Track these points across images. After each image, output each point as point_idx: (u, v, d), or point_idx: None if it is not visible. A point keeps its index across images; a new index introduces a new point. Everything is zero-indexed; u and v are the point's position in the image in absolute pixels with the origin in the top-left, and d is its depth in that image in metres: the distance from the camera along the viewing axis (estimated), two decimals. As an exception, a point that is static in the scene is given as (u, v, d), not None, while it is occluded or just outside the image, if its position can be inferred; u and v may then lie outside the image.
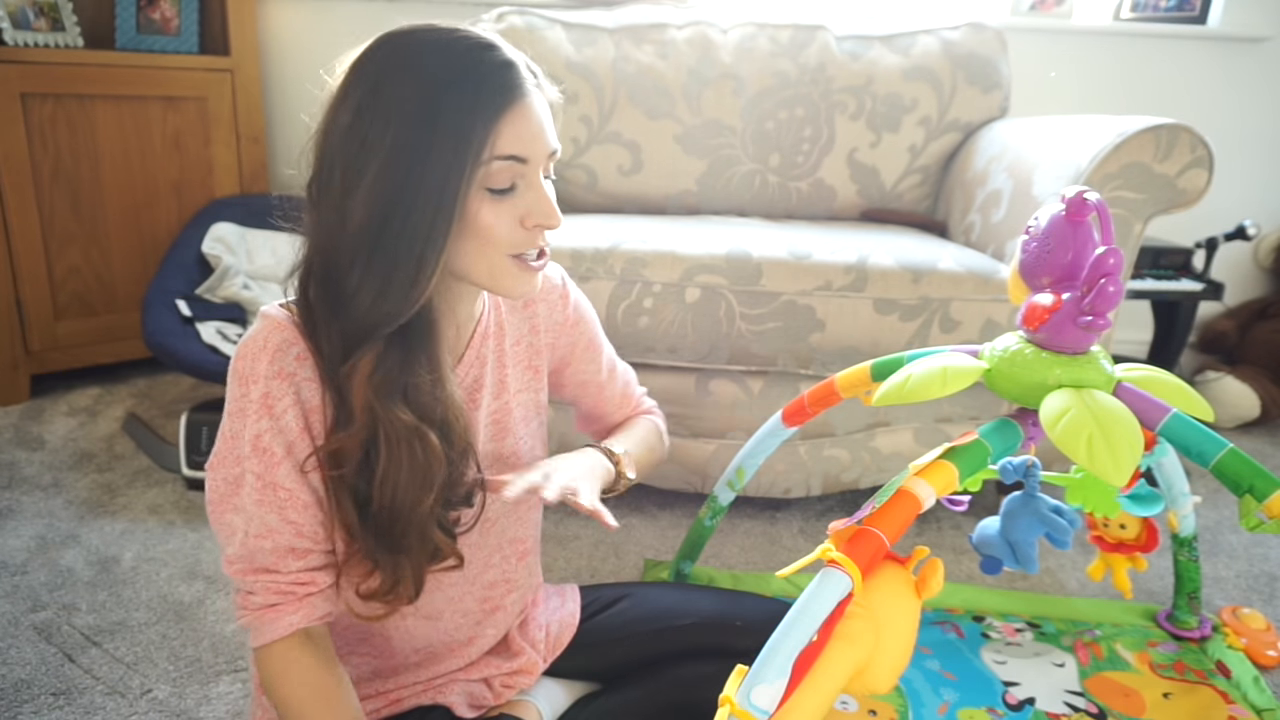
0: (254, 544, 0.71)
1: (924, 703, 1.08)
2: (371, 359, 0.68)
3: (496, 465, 0.85)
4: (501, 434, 0.85)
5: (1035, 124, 1.63)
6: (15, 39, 1.75)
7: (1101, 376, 0.71)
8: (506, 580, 0.89)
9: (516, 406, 0.86)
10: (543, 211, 0.70)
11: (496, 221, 0.68)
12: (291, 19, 2.21)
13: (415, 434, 0.69)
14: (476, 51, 0.67)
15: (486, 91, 0.66)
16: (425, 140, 0.64)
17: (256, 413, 0.69)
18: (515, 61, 0.69)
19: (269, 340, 0.69)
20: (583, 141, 1.83)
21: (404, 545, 0.72)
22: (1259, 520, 0.65)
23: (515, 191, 0.69)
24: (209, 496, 0.73)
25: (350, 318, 0.68)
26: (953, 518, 1.55)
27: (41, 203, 1.80)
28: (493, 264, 0.70)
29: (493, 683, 0.89)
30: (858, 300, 1.35)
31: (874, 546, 0.59)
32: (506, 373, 0.85)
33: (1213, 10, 2.22)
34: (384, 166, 0.64)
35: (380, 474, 0.69)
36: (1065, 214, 0.71)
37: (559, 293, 0.90)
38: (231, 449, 0.71)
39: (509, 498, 0.72)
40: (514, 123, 0.67)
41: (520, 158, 0.68)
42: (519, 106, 0.67)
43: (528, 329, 0.88)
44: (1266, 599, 1.36)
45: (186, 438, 1.53)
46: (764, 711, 0.54)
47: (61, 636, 1.14)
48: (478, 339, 0.81)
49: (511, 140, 0.67)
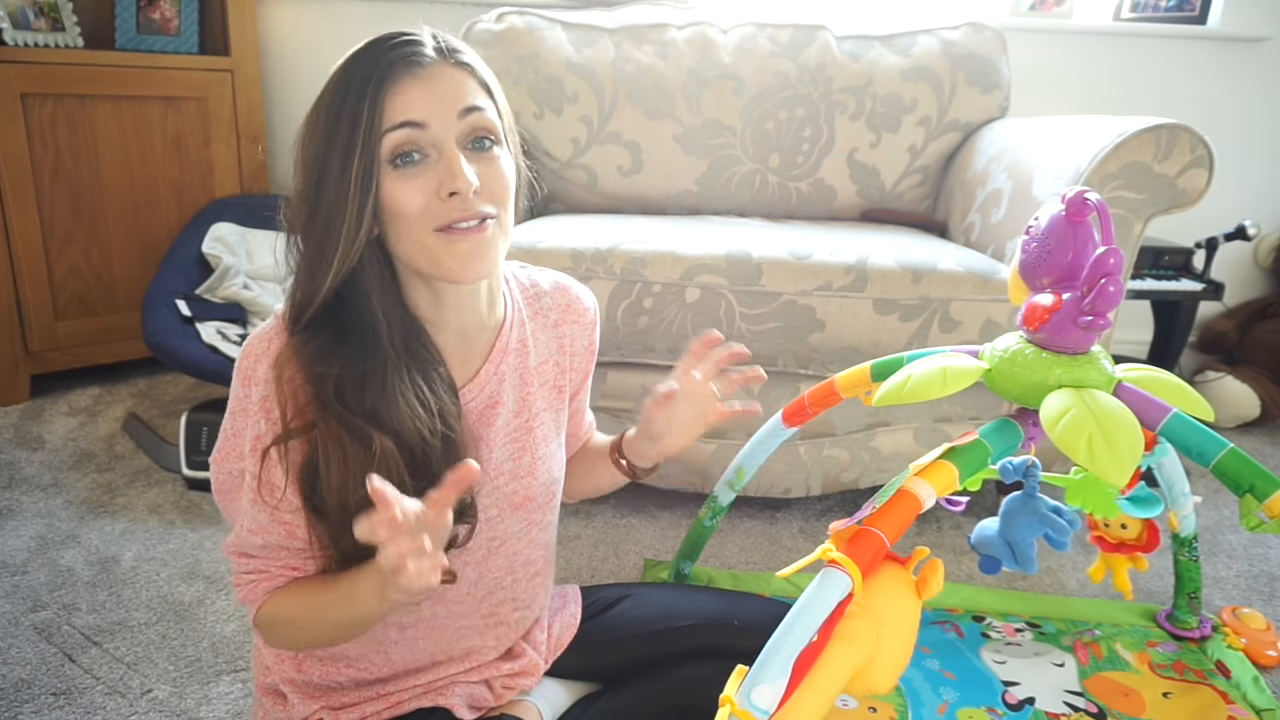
0: (247, 537, 0.74)
1: (924, 702, 1.08)
2: (302, 338, 0.70)
3: (515, 485, 0.83)
4: (520, 451, 0.83)
5: (1035, 124, 1.63)
6: (15, 39, 1.75)
7: (1102, 376, 0.71)
8: (514, 599, 0.88)
9: (539, 426, 0.85)
10: (450, 175, 0.67)
11: (407, 197, 0.67)
12: (291, 19, 2.21)
13: (350, 430, 0.68)
14: (381, 41, 0.69)
15: (378, 69, 0.67)
16: (333, 127, 0.67)
17: (255, 414, 0.70)
18: (416, 38, 0.69)
19: (274, 342, 0.71)
20: (583, 141, 1.83)
21: (362, 551, 0.68)
22: (1259, 520, 0.65)
23: (426, 162, 0.68)
24: (214, 487, 0.77)
25: (296, 287, 0.71)
26: (953, 518, 1.55)
27: (42, 203, 1.81)
28: (419, 242, 0.69)
29: (493, 684, 0.89)
30: (858, 300, 1.35)
31: (874, 546, 0.59)
32: (530, 391, 0.84)
33: (1212, 10, 2.22)
34: (311, 157, 0.69)
35: (322, 467, 0.69)
36: (1065, 214, 0.71)
37: (589, 318, 0.90)
38: (233, 446, 0.73)
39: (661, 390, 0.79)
40: (403, 90, 0.67)
41: (414, 122, 0.67)
42: (409, 74, 0.67)
43: (555, 348, 0.87)
44: (1266, 599, 1.36)
45: (186, 438, 1.53)
46: (764, 711, 0.54)
47: (62, 636, 1.14)
48: (496, 354, 0.80)
49: (400, 107, 0.66)
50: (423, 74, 0.68)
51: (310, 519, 0.71)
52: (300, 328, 0.71)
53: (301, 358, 0.69)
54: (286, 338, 0.71)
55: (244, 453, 0.72)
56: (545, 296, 0.87)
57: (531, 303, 0.86)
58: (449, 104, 0.68)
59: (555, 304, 0.88)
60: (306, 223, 0.69)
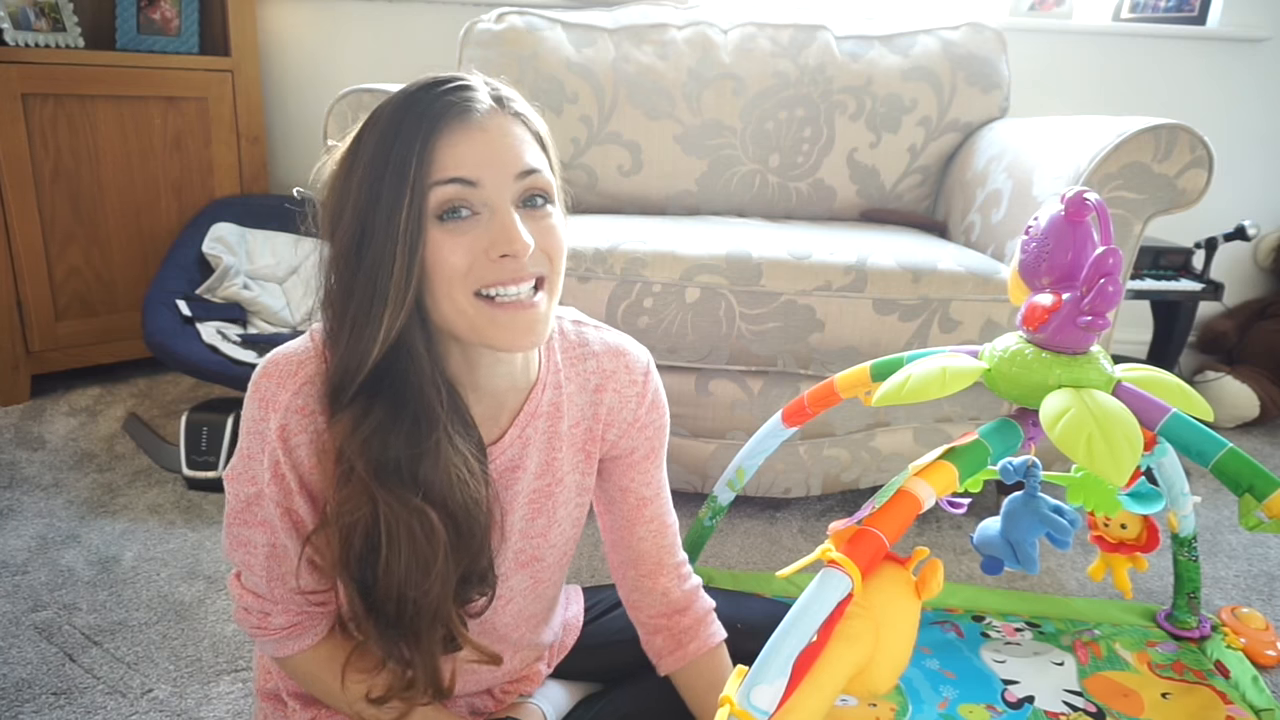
0: (273, 568, 0.72)
1: (924, 700, 1.08)
2: (353, 415, 0.65)
3: (524, 544, 0.81)
4: (536, 513, 0.80)
5: (1035, 124, 1.63)
6: (16, 39, 1.75)
7: (1101, 376, 0.71)
8: (514, 644, 0.87)
9: (561, 490, 0.81)
10: (505, 238, 0.62)
11: (453, 254, 0.62)
12: (291, 19, 2.21)
13: (417, 516, 0.65)
14: (426, 87, 0.64)
15: (428, 117, 0.63)
16: (379, 177, 0.62)
17: (274, 442, 0.68)
18: (468, 84, 0.65)
19: (301, 370, 0.68)
20: (583, 142, 1.83)
21: (416, 634, 0.68)
22: (1258, 520, 0.65)
23: (476, 219, 0.63)
24: (229, 506, 0.73)
25: (337, 354, 0.66)
26: (953, 518, 1.55)
27: (42, 203, 1.81)
28: (459, 307, 0.64)
29: (495, 691, 0.89)
30: (857, 300, 1.35)
31: (874, 547, 0.59)
32: (558, 455, 0.79)
33: (1212, 11, 2.22)
34: (352, 208, 0.64)
35: (383, 557, 0.65)
36: (1065, 214, 0.71)
37: (637, 387, 0.82)
38: (248, 467, 0.70)
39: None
40: (453, 142, 0.62)
41: (466, 180, 0.62)
42: (460, 126, 0.63)
43: (590, 414, 0.81)
44: (1266, 599, 1.36)
45: (187, 438, 1.53)
46: (764, 712, 0.54)
47: (62, 636, 1.14)
48: (523, 418, 0.76)
49: (451, 160, 0.62)
50: (476, 125, 0.63)
51: (352, 596, 0.68)
52: (347, 401, 0.66)
53: (359, 439, 0.64)
54: (337, 418, 0.65)
55: (263, 478, 0.69)
56: (592, 359, 0.80)
57: (575, 363, 0.80)
58: (505, 164, 0.64)
59: (601, 368, 0.80)
60: (349, 277, 0.64)
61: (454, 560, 0.67)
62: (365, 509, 0.65)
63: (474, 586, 0.72)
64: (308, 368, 0.68)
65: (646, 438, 0.84)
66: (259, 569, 0.73)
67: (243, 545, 0.73)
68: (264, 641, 0.76)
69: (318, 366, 0.68)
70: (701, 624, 0.87)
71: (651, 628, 0.88)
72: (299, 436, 0.68)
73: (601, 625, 0.97)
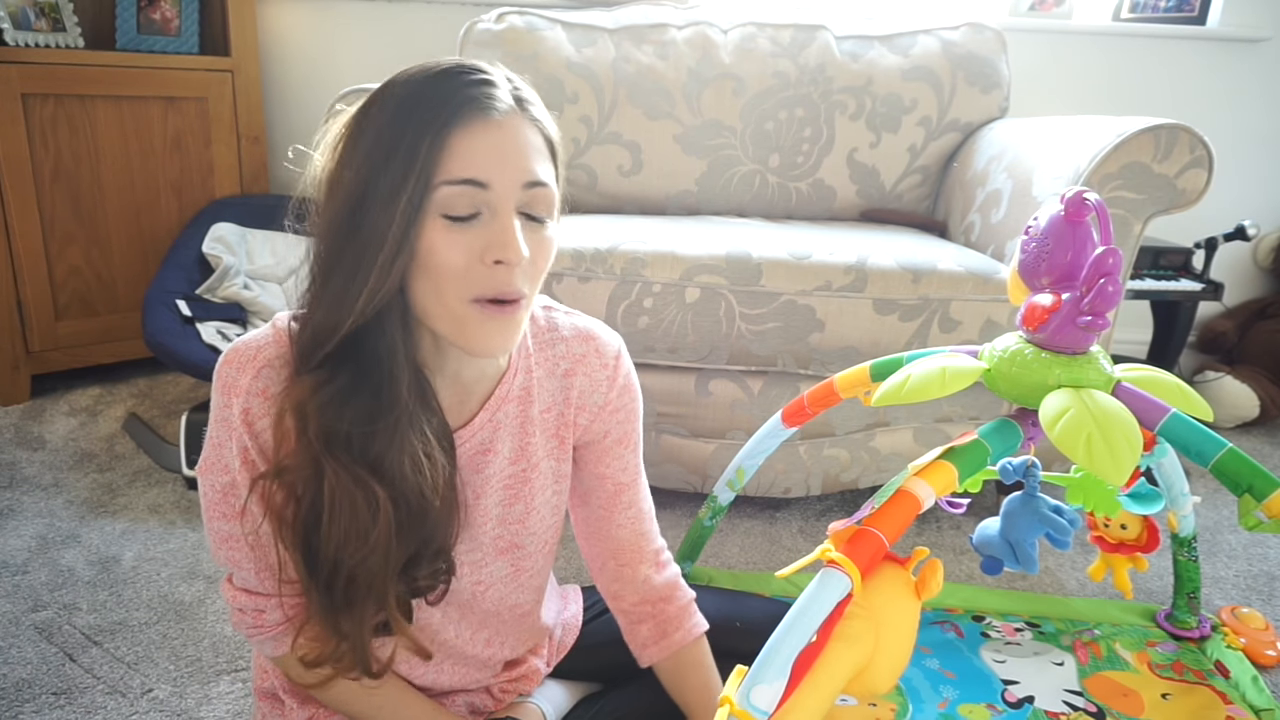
0: (260, 558, 0.72)
1: (924, 699, 1.08)
2: (316, 379, 0.65)
3: (501, 529, 0.80)
4: (513, 499, 0.80)
5: (1035, 124, 1.63)
6: (16, 39, 1.75)
7: (1101, 376, 0.71)
8: (500, 637, 0.87)
9: (537, 476, 0.80)
10: (501, 243, 0.61)
11: (451, 252, 0.62)
12: (291, 19, 2.21)
13: (360, 485, 0.65)
14: (450, 73, 0.63)
15: (447, 108, 0.61)
16: (387, 156, 0.61)
17: (239, 427, 0.68)
18: (490, 78, 0.64)
19: (260, 354, 0.68)
20: (583, 141, 1.83)
21: (350, 605, 0.68)
22: (1258, 520, 0.65)
23: (479, 222, 0.62)
24: (204, 501, 0.73)
25: (313, 318, 0.66)
26: (952, 518, 1.55)
27: (42, 203, 1.81)
28: (450, 308, 0.64)
29: (493, 690, 0.89)
30: (857, 300, 1.35)
31: (873, 547, 0.59)
32: (531, 440, 0.79)
33: (1211, 11, 2.22)
34: (354, 176, 0.63)
35: (324, 522, 0.65)
36: (1064, 214, 0.71)
37: (606, 371, 0.81)
38: (219, 456, 0.70)
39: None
40: (469, 140, 0.61)
41: (477, 182, 0.61)
42: (479, 122, 0.61)
43: (561, 398, 0.80)
44: (1266, 599, 1.36)
45: (187, 438, 1.53)
46: (763, 712, 0.54)
47: (62, 636, 1.14)
48: (494, 402, 0.75)
49: (465, 158, 0.61)
50: (494, 124, 0.62)
51: (295, 560, 0.68)
52: (314, 365, 0.66)
53: (317, 402, 0.65)
54: (300, 378, 0.66)
55: (233, 466, 0.69)
56: (561, 343, 0.80)
57: (545, 347, 0.79)
58: (516, 170, 0.63)
59: (570, 353, 0.80)
60: (338, 245, 0.64)
61: (400, 540, 0.67)
62: (309, 470, 0.65)
63: (423, 569, 0.72)
64: (267, 351, 0.68)
65: (619, 422, 0.83)
66: (246, 563, 0.72)
67: (226, 541, 0.72)
68: (262, 640, 0.75)
69: (278, 350, 0.68)
70: (685, 614, 0.88)
71: (635, 616, 0.88)
72: (262, 421, 0.67)
73: (601, 625, 0.97)
